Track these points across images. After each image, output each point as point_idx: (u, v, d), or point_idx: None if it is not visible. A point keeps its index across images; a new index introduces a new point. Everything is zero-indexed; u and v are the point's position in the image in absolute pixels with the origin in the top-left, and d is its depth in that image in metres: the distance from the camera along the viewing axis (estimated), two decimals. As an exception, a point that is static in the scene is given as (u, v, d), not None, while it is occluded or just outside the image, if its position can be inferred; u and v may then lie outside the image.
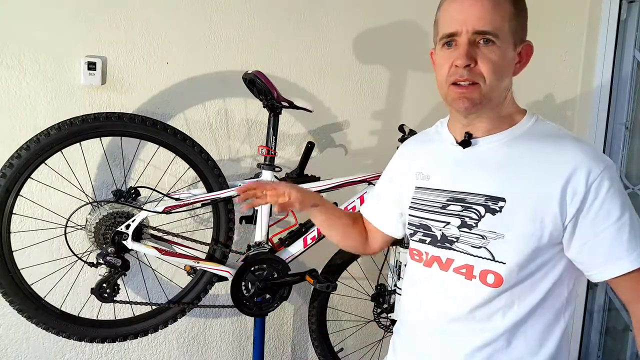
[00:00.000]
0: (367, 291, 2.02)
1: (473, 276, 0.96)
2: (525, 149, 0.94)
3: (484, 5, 0.91)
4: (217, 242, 1.68)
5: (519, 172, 0.93)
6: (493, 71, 0.91)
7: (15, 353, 1.76)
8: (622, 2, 2.19)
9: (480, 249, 0.95)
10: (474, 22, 0.91)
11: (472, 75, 0.92)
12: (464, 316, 0.97)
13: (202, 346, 2.03)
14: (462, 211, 0.97)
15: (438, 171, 1.04)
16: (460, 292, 0.97)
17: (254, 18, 1.92)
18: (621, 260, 0.88)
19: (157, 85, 1.82)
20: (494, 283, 0.94)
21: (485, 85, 0.92)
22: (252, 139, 1.97)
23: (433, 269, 1.02)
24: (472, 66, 0.91)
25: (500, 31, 0.91)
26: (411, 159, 1.13)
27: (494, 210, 0.93)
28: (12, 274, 1.46)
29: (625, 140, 2.29)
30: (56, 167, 1.65)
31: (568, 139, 0.93)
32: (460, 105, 0.95)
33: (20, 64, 1.65)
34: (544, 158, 0.92)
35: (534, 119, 0.99)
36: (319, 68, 2.05)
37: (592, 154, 0.90)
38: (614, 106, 2.28)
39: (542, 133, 0.96)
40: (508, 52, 0.93)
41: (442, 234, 1.00)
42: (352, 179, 1.75)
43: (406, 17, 2.14)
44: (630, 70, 2.25)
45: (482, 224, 0.94)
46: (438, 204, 1.02)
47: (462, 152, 1.00)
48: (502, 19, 0.91)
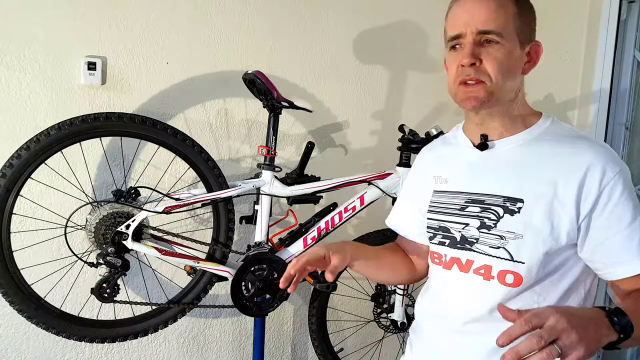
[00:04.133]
0: (367, 291, 2.02)
1: (491, 277, 0.97)
2: (542, 151, 0.96)
3: (488, 6, 0.93)
4: (217, 242, 1.68)
5: (536, 173, 0.94)
6: (498, 69, 0.93)
7: (15, 353, 1.76)
8: (622, 2, 2.19)
9: (499, 249, 0.96)
10: (477, 23, 0.93)
11: (478, 74, 0.94)
12: (484, 316, 0.97)
13: (202, 346, 2.03)
14: (480, 212, 0.99)
15: (456, 174, 1.06)
16: (479, 293, 0.98)
17: (254, 18, 1.92)
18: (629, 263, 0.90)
19: (157, 85, 1.82)
20: (513, 283, 0.95)
21: (491, 84, 0.94)
22: (252, 139, 1.97)
23: (453, 270, 1.03)
24: (477, 65, 0.94)
25: (503, 30, 0.93)
26: (428, 165, 1.15)
27: (513, 211, 0.95)
28: (12, 274, 1.46)
29: (625, 140, 2.29)
30: (56, 167, 1.65)
31: (584, 141, 0.95)
32: (468, 104, 0.97)
33: (20, 64, 1.65)
34: (560, 159, 0.93)
35: (549, 120, 1.01)
36: (319, 68, 2.05)
37: (608, 157, 0.91)
38: (614, 106, 2.28)
39: (559, 135, 0.98)
40: (514, 51, 0.95)
41: (462, 235, 1.02)
42: (352, 179, 1.75)
43: (406, 18, 2.14)
44: (630, 70, 2.25)
45: (500, 225, 0.96)
46: (457, 206, 1.03)
47: (479, 154, 1.02)
48: (505, 18, 0.94)
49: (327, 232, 1.73)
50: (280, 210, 1.93)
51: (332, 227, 1.74)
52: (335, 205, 1.76)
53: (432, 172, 1.11)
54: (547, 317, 0.72)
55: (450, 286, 1.04)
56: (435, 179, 1.10)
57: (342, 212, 1.73)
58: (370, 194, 1.76)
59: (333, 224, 1.73)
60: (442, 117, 2.19)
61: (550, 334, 0.71)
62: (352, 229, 2.07)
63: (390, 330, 1.96)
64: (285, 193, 1.69)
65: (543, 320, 0.72)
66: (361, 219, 2.02)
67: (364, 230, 1.88)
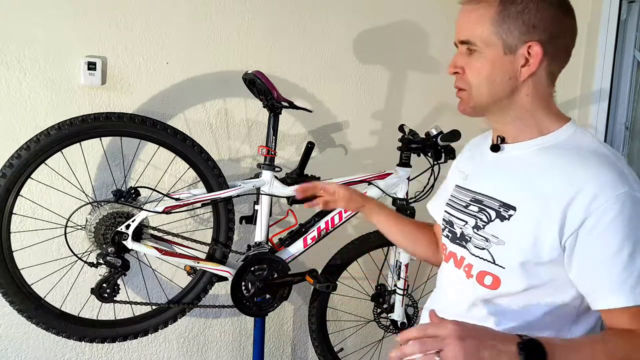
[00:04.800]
0: (367, 291, 2.02)
1: (471, 275, 0.99)
2: (548, 162, 0.92)
3: (465, 15, 0.94)
4: (217, 242, 1.68)
5: (534, 184, 0.91)
6: (476, 78, 0.94)
7: (15, 353, 1.76)
8: (622, 2, 2.19)
9: (483, 250, 0.97)
10: (458, 33, 0.95)
11: (460, 83, 0.97)
12: (462, 313, 0.99)
13: (202, 346, 2.03)
14: (477, 212, 1.00)
15: (473, 172, 1.08)
16: (461, 290, 1.02)
17: (254, 18, 1.92)
18: (603, 296, 0.84)
19: (157, 85, 1.82)
20: (491, 285, 0.96)
21: (472, 92, 0.95)
22: (252, 139, 1.97)
23: (450, 264, 1.07)
24: (460, 74, 0.96)
25: (478, 39, 0.92)
26: (463, 159, 1.17)
27: (504, 217, 0.94)
28: (12, 274, 1.46)
29: (625, 141, 2.29)
30: (56, 167, 1.65)
31: (595, 159, 0.88)
32: (459, 109, 1.00)
33: (20, 64, 1.65)
34: (559, 174, 0.89)
35: (572, 130, 0.95)
36: (319, 68, 2.05)
37: (609, 180, 0.84)
38: (614, 106, 2.28)
39: (575, 147, 0.92)
40: (497, 58, 0.91)
41: (461, 232, 1.04)
42: (352, 179, 1.75)
43: (406, 17, 2.14)
44: (630, 70, 2.25)
45: (488, 228, 0.96)
46: (463, 203, 1.05)
47: (493, 155, 1.02)
48: (481, 25, 0.91)
49: (327, 232, 1.74)
50: (280, 210, 1.93)
51: (332, 227, 1.74)
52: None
53: (461, 166, 1.14)
54: (444, 327, 0.74)
55: (448, 280, 1.08)
56: (460, 173, 1.12)
57: (342, 212, 1.73)
58: (370, 194, 1.76)
59: (333, 224, 1.73)
60: (442, 117, 2.18)
61: (434, 343, 0.73)
62: (352, 229, 2.07)
63: (390, 330, 1.96)
64: (285, 193, 1.69)
65: (439, 330, 0.74)
66: (361, 219, 2.02)
67: (364, 230, 1.88)
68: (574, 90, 2.34)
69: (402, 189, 1.81)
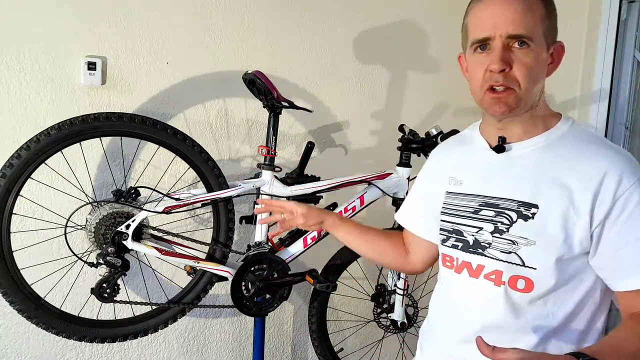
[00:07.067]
0: (367, 291, 2.02)
1: (502, 282, 0.96)
2: (559, 155, 0.93)
3: (516, 9, 0.89)
4: (217, 242, 1.68)
5: (552, 179, 0.92)
6: (528, 75, 0.90)
7: (15, 353, 1.76)
8: (622, 2, 2.19)
9: (511, 254, 0.94)
10: (507, 26, 0.89)
11: (507, 81, 0.91)
12: (496, 324, 0.96)
13: (202, 346, 2.03)
14: (495, 216, 0.97)
15: (471, 176, 1.04)
16: (491, 300, 0.97)
17: (254, 18, 1.92)
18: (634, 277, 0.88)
19: (157, 85, 1.82)
20: (524, 288, 0.94)
21: (520, 90, 0.91)
22: (252, 139, 1.97)
23: (462, 275, 1.02)
24: (507, 71, 0.90)
25: (533, 33, 0.90)
26: (443, 164, 1.12)
27: (527, 216, 0.93)
28: (12, 274, 1.46)
29: (625, 140, 2.29)
30: (56, 167, 1.65)
31: (603, 147, 0.92)
32: (496, 111, 0.93)
33: (20, 64, 1.65)
34: (576, 165, 0.91)
35: (569, 123, 0.97)
36: (319, 68, 2.05)
37: (626, 165, 0.88)
38: (614, 106, 2.28)
39: (577, 139, 0.95)
40: (542, 54, 0.92)
41: (475, 239, 1.00)
42: (352, 179, 1.75)
43: (406, 17, 2.14)
44: (630, 70, 2.25)
45: (513, 230, 0.94)
46: (470, 209, 1.01)
47: (496, 156, 1.00)
48: (534, 21, 0.90)
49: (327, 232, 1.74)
50: (280, 210, 1.93)
51: (332, 227, 1.74)
52: (335, 205, 1.76)
53: (446, 173, 1.09)
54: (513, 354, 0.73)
55: (462, 292, 1.03)
56: (449, 180, 1.08)
57: (342, 212, 1.73)
58: (370, 194, 1.76)
59: (333, 224, 1.73)
60: (442, 117, 2.19)
61: None
62: (352, 229, 2.07)
63: (390, 330, 1.96)
64: (285, 193, 1.69)
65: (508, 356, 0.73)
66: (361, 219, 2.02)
67: (364, 230, 1.88)
68: (573, 90, 2.34)
69: (402, 189, 1.81)
